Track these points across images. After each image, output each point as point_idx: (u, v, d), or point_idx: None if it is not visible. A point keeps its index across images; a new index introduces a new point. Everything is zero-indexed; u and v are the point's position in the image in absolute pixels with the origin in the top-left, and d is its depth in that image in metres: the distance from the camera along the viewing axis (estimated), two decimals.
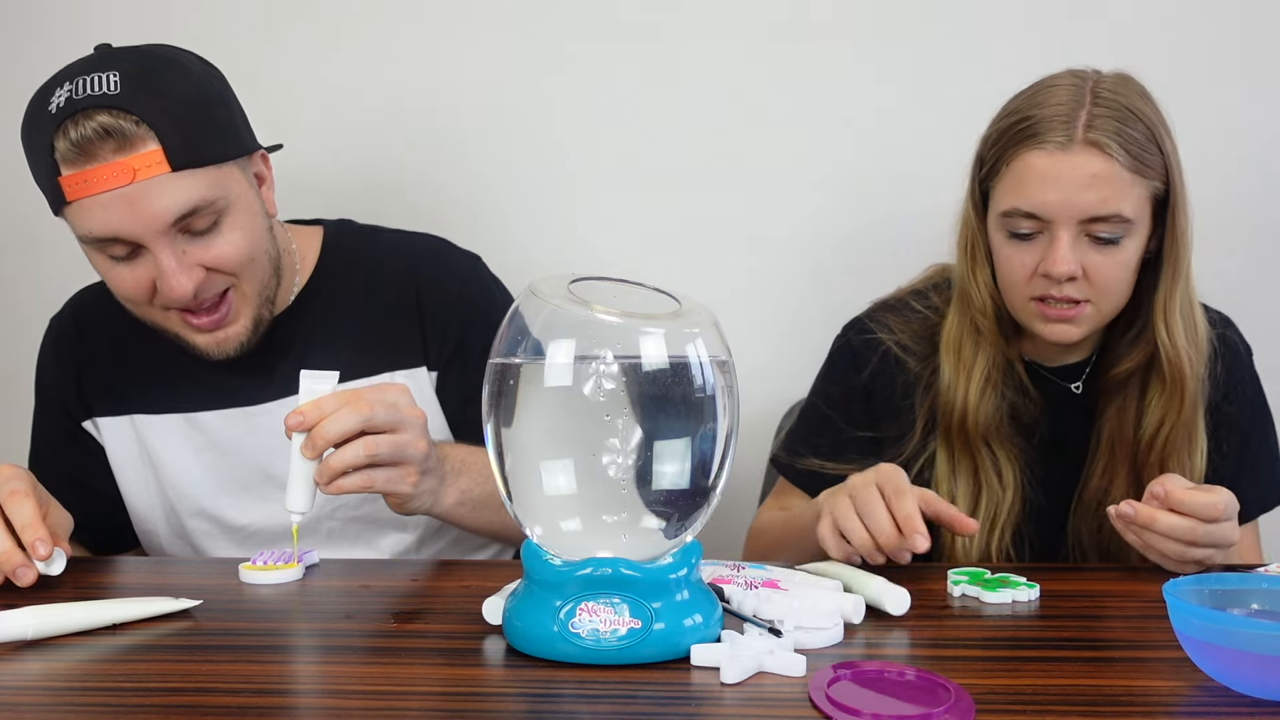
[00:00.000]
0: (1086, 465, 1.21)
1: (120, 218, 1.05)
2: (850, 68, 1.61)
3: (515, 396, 0.78)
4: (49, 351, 1.30)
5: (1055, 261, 1.09)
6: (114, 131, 1.03)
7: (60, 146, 1.03)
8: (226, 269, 1.11)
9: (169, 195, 1.05)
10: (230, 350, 1.16)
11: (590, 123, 1.63)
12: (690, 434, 0.78)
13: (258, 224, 1.14)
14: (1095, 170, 1.07)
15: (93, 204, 1.04)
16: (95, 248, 1.09)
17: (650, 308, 0.80)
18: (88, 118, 1.02)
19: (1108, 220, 1.09)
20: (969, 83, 1.58)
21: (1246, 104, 1.56)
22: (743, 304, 1.61)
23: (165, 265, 1.07)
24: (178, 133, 1.05)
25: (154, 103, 1.05)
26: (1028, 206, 1.10)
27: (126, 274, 1.10)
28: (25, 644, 0.81)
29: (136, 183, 1.03)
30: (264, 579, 0.98)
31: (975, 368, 1.19)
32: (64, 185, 1.04)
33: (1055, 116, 1.09)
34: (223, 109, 1.13)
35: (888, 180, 1.63)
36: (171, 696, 0.72)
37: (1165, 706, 0.70)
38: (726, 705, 0.70)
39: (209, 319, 1.13)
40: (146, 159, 1.04)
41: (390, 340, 1.25)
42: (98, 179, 1.03)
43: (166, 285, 1.07)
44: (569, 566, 0.77)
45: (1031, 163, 1.09)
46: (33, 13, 1.67)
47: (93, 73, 1.04)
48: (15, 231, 1.70)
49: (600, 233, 1.66)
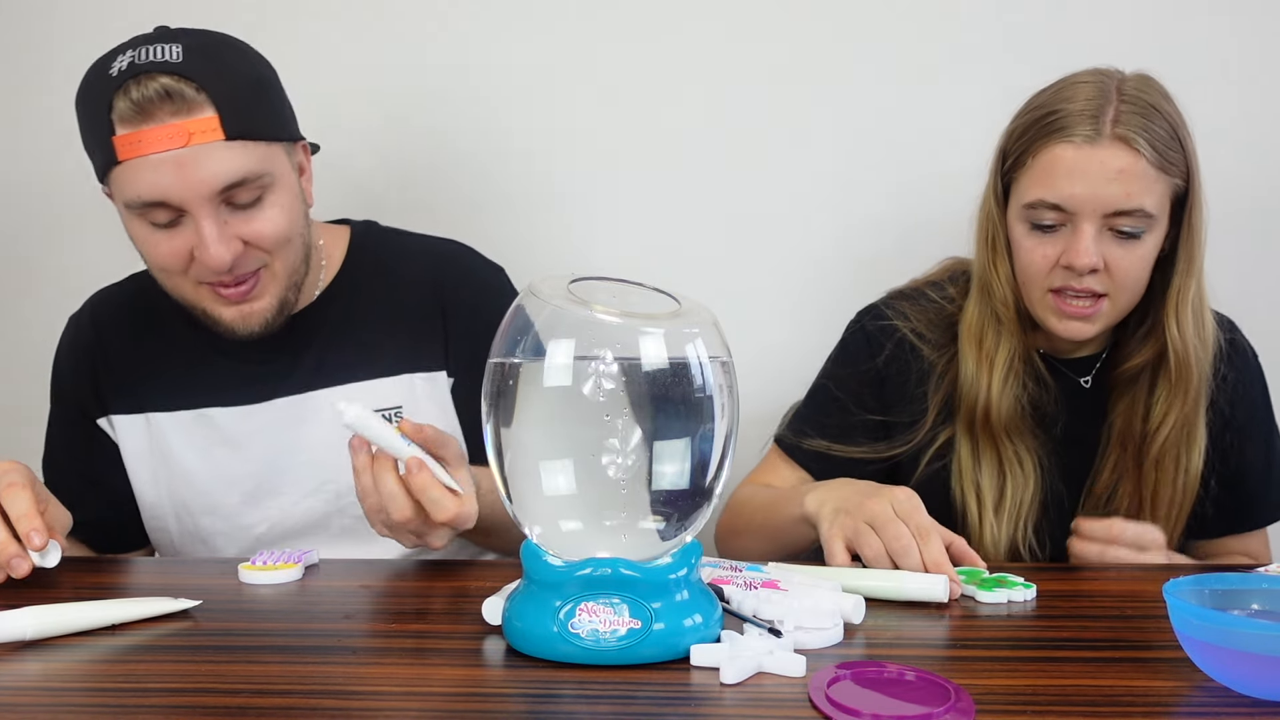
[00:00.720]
0: (1097, 460, 1.22)
1: (169, 181, 1.06)
2: (850, 67, 1.61)
3: (515, 396, 0.78)
4: (66, 350, 1.31)
5: (1078, 253, 1.10)
6: (174, 94, 1.05)
7: (120, 106, 1.05)
8: (264, 245, 1.13)
9: (220, 162, 1.07)
10: (254, 326, 1.16)
11: (590, 123, 1.63)
12: (690, 434, 0.78)
13: (297, 207, 1.17)
14: (1122, 165, 1.09)
15: (144, 165, 1.06)
16: (138, 213, 1.10)
17: (650, 308, 0.80)
18: (150, 79, 1.05)
19: (1131, 215, 1.10)
20: (972, 84, 1.58)
21: (1248, 104, 1.56)
22: (743, 304, 1.61)
23: (206, 233, 1.08)
24: (233, 104, 1.08)
25: (213, 74, 1.07)
26: (1054, 198, 1.11)
27: (165, 242, 1.11)
28: (25, 644, 0.81)
29: (190, 147, 1.06)
30: (264, 579, 0.98)
31: (998, 358, 1.20)
32: (118, 145, 1.06)
33: (1083, 111, 1.11)
34: (275, 93, 1.17)
35: (888, 181, 1.62)
36: (171, 696, 0.72)
37: (1165, 706, 0.70)
38: (726, 705, 0.70)
39: (238, 290, 1.13)
40: (202, 124, 1.06)
41: (411, 343, 1.26)
42: (152, 139, 1.05)
43: (205, 254, 1.09)
44: (569, 567, 0.77)
45: (1059, 155, 1.11)
46: (46, 9, 1.68)
47: (156, 44, 1.07)
48: (38, 232, 1.70)
49: (600, 233, 1.66)
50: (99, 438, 1.28)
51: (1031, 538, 1.20)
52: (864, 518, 0.98)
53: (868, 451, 1.05)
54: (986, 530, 1.19)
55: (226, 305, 1.15)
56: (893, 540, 0.95)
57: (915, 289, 1.31)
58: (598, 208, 1.65)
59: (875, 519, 0.98)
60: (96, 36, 1.18)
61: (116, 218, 1.15)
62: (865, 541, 0.97)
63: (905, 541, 0.95)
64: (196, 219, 1.08)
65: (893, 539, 0.95)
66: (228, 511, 1.24)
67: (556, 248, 1.64)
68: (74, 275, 1.45)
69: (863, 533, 0.98)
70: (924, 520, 0.97)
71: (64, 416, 1.30)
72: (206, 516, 1.25)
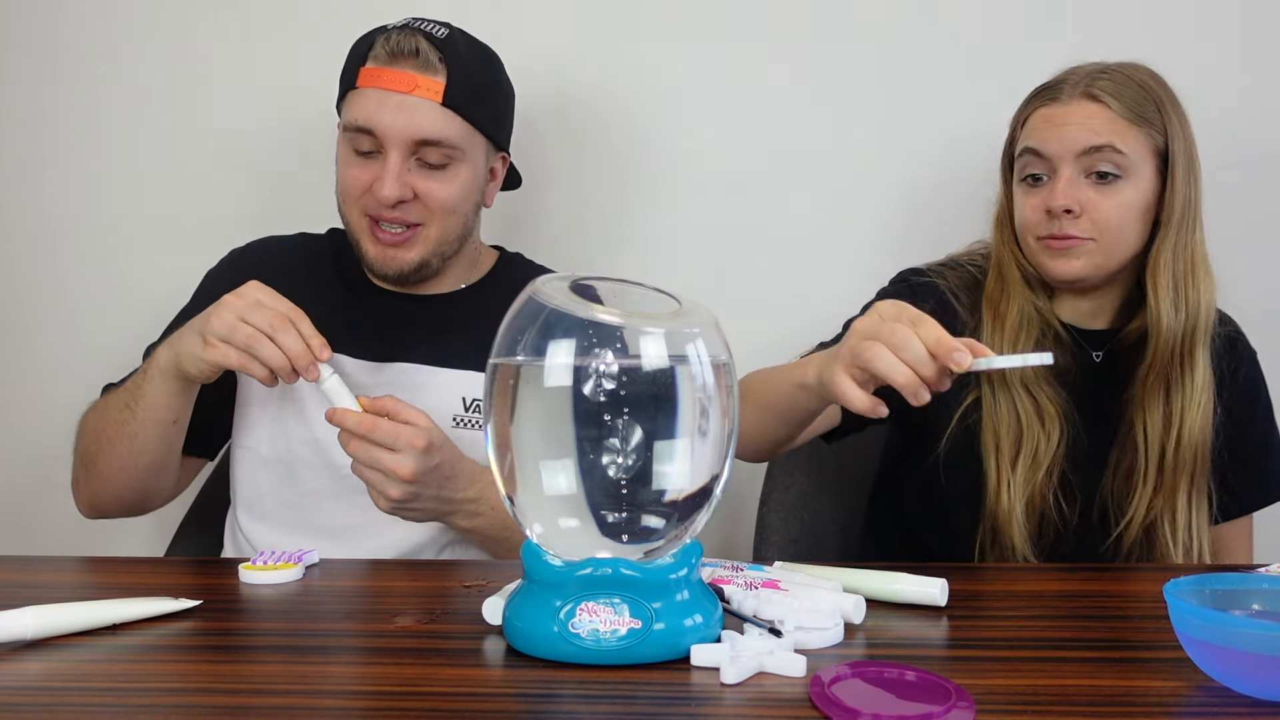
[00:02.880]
0: (1119, 431, 1.26)
1: (385, 116, 1.23)
2: (849, 67, 1.61)
3: (515, 396, 0.78)
4: (224, 266, 1.39)
5: (1055, 195, 1.20)
6: (421, 53, 1.23)
7: (377, 47, 1.24)
8: (429, 205, 1.27)
9: (426, 119, 1.23)
10: (392, 270, 1.29)
11: (590, 123, 1.63)
12: (690, 434, 0.78)
13: (471, 193, 1.31)
14: (1090, 113, 1.21)
15: (371, 94, 1.24)
16: (349, 135, 1.26)
17: (650, 308, 0.81)
18: (411, 36, 1.24)
19: (1101, 151, 1.19)
20: (972, 85, 1.58)
21: (1251, 104, 1.56)
22: (743, 304, 1.60)
23: (389, 168, 1.23)
24: (462, 85, 1.25)
25: (459, 58, 1.26)
26: (1033, 144, 1.23)
27: (356, 167, 1.26)
28: (25, 644, 0.81)
29: (410, 95, 1.23)
30: (264, 579, 0.98)
31: (1009, 318, 1.26)
32: (361, 74, 1.25)
33: (1066, 81, 1.24)
34: (502, 102, 1.35)
35: (888, 181, 1.63)
36: (171, 696, 0.72)
37: (1165, 706, 0.70)
38: (726, 705, 0.70)
39: (392, 235, 1.27)
40: (430, 84, 1.23)
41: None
42: (387, 78, 1.23)
43: (380, 184, 1.23)
44: (569, 566, 0.77)
45: (1041, 113, 1.24)
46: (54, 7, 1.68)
47: (433, 23, 1.28)
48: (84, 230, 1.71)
49: (600, 233, 1.66)
50: None
51: (1056, 488, 1.22)
52: (863, 335, 0.94)
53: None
54: (1004, 483, 1.21)
55: (376, 244, 1.28)
56: (889, 336, 0.91)
57: (949, 260, 1.37)
58: (599, 207, 1.65)
59: (872, 330, 0.93)
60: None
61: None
62: (867, 358, 0.92)
63: (906, 337, 0.90)
64: (387, 154, 1.23)
65: (889, 335, 0.91)
66: (325, 445, 1.27)
67: (558, 247, 1.64)
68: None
69: (861, 351, 0.92)
70: (915, 312, 0.93)
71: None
72: (303, 446, 1.29)
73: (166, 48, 1.67)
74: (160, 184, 1.68)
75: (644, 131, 1.64)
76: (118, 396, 1.23)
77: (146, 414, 1.19)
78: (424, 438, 1.08)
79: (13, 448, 1.72)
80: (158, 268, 1.67)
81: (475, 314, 1.33)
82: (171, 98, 1.67)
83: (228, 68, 1.67)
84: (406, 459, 1.07)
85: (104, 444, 1.23)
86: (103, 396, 1.30)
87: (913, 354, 0.90)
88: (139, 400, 1.19)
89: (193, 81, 1.67)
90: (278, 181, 1.67)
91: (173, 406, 1.19)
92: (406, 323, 1.33)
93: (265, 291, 1.13)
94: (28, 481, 1.71)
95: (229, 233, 1.46)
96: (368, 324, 1.32)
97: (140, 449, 1.21)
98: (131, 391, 1.20)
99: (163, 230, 1.68)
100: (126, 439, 1.21)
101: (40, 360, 1.71)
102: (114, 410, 1.22)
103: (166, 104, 1.67)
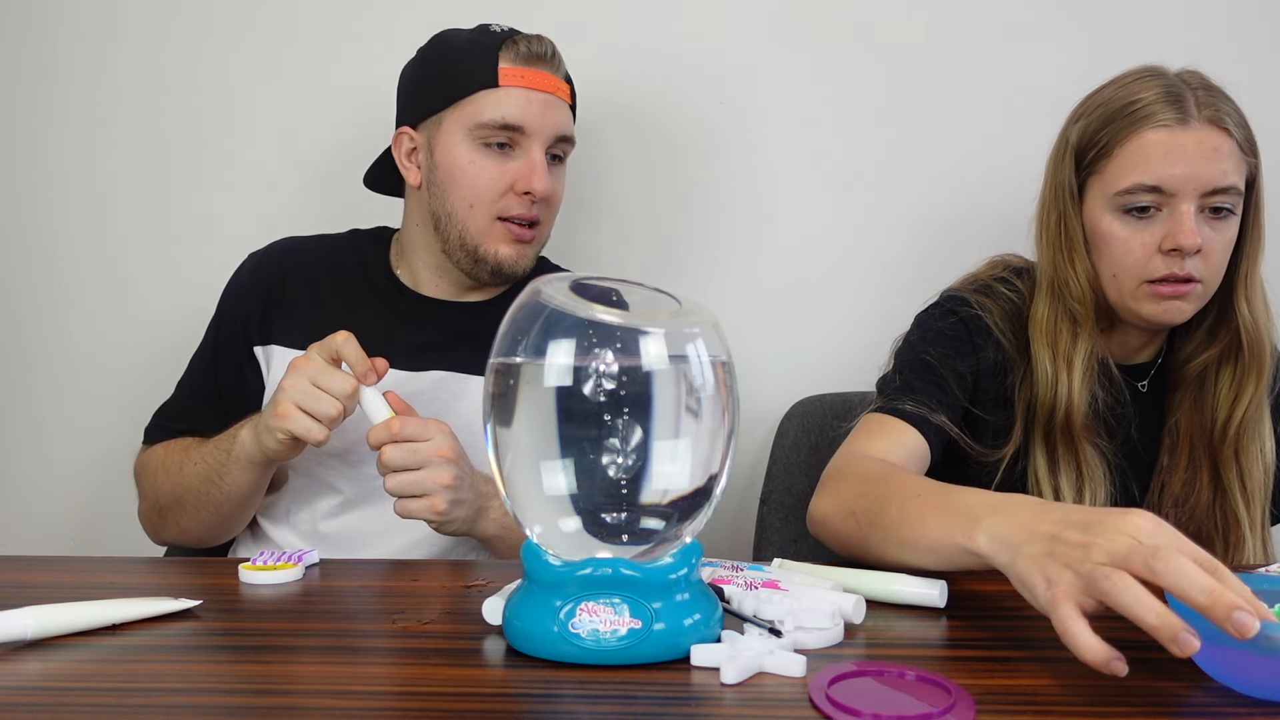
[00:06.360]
0: (1161, 460, 1.22)
1: (534, 112, 1.27)
2: (856, 70, 1.61)
3: (515, 396, 0.78)
4: (244, 276, 1.38)
5: (1186, 234, 1.10)
6: (555, 58, 1.31)
7: (511, 48, 1.28)
8: (550, 203, 1.32)
9: (566, 117, 1.32)
10: (520, 268, 1.31)
11: (591, 122, 1.64)
12: (690, 434, 0.78)
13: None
14: (1217, 144, 1.11)
15: (519, 94, 1.27)
16: (486, 133, 1.27)
17: (650, 308, 0.80)
18: (540, 41, 1.30)
19: (1226, 192, 1.12)
20: (974, 87, 1.58)
21: None
22: (743, 304, 1.61)
23: (538, 159, 1.28)
24: (571, 90, 1.33)
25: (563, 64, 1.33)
26: (1152, 180, 1.12)
27: (494, 166, 1.28)
28: (25, 644, 0.81)
29: (554, 95, 1.30)
30: (264, 579, 0.98)
31: (1076, 359, 1.18)
32: (502, 73, 1.27)
33: (1161, 99, 1.13)
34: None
35: (891, 182, 1.63)
36: (171, 696, 0.72)
37: (1165, 706, 0.70)
38: (726, 705, 0.70)
39: (529, 231, 1.30)
40: (563, 86, 1.32)
41: None
42: (534, 78, 1.28)
43: (537, 175, 1.27)
44: (569, 566, 0.77)
45: (1150, 139, 1.12)
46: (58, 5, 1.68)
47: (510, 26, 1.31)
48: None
49: (600, 233, 1.66)
50: (246, 365, 1.33)
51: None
52: (1086, 563, 0.73)
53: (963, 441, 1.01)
54: None
55: (510, 243, 1.30)
56: (1143, 567, 0.70)
57: (983, 283, 1.26)
58: (599, 208, 1.65)
59: (1112, 555, 0.72)
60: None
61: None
62: (1106, 589, 0.71)
63: (1178, 564, 0.69)
64: (535, 148, 1.28)
65: (1144, 564, 0.70)
66: (355, 459, 1.28)
67: (557, 248, 1.64)
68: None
69: (1098, 580, 0.71)
70: (1188, 547, 0.72)
71: (223, 337, 1.35)
72: (333, 458, 1.29)
73: (167, 47, 1.67)
74: (166, 184, 1.69)
75: (641, 130, 1.63)
76: (195, 468, 1.24)
77: (232, 489, 1.22)
78: (448, 446, 1.10)
79: (13, 447, 1.72)
80: (168, 269, 1.67)
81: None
82: (178, 96, 1.67)
83: (237, 63, 1.67)
84: (442, 470, 1.09)
85: (187, 508, 1.26)
86: (161, 447, 1.31)
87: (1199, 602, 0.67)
88: (223, 478, 1.21)
89: (201, 79, 1.67)
90: (290, 179, 1.67)
91: (257, 484, 1.23)
92: (440, 330, 1.33)
93: (314, 365, 1.11)
94: (28, 481, 1.71)
95: (246, 233, 1.45)
96: (398, 331, 1.32)
97: (228, 513, 1.25)
98: (214, 468, 1.22)
99: (181, 230, 1.68)
100: (212, 506, 1.24)
101: (40, 360, 1.71)
102: (194, 480, 1.24)
103: (173, 103, 1.68)
